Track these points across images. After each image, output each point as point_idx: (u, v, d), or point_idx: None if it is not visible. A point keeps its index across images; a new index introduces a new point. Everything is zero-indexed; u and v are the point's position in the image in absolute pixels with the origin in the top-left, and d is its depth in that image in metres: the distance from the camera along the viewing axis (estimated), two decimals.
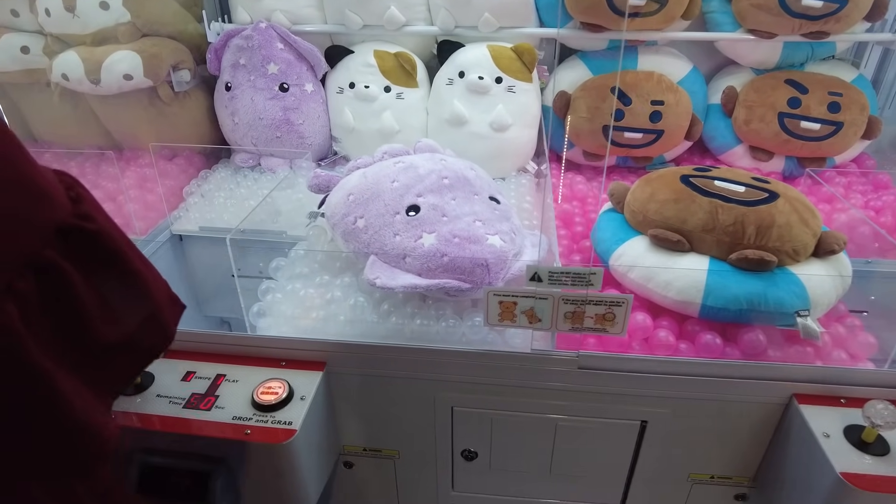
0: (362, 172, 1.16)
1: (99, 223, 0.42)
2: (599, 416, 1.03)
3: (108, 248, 0.41)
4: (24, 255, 0.35)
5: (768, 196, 1.00)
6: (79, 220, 0.40)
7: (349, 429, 1.11)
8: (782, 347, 0.98)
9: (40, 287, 0.36)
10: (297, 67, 1.58)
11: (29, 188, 0.37)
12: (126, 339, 0.42)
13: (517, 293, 0.92)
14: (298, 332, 1.04)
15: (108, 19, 1.48)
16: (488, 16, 1.48)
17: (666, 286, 1.00)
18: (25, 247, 0.35)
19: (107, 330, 0.40)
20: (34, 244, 0.36)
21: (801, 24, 1.42)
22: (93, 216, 0.42)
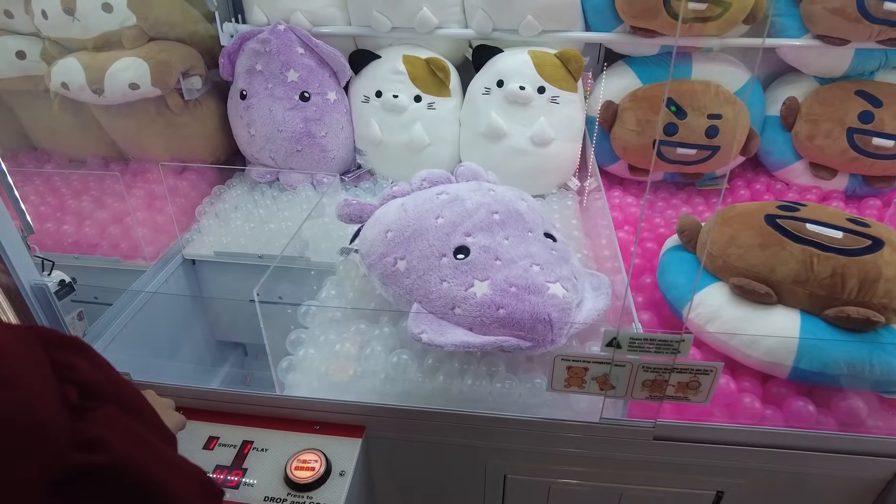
0: (401, 204, 1.04)
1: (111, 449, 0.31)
2: (671, 486, 0.92)
3: (128, 482, 0.31)
4: None
5: (872, 244, 0.88)
6: (85, 454, 0.29)
7: (388, 499, 1.00)
8: (886, 417, 0.87)
9: None
10: (319, 74, 1.44)
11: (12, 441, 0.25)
12: None
13: (590, 359, 0.80)
14: (332, 391, 0.92)
15: (112, 22, 1.34)
16: (531, 18, 1.35)
17: (752, 345, 0.88)
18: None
19: None
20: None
21: (881, 31, 1.29)
22: (103, 439, 0.31)
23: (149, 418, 0.39)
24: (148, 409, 0.39)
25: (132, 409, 0.37)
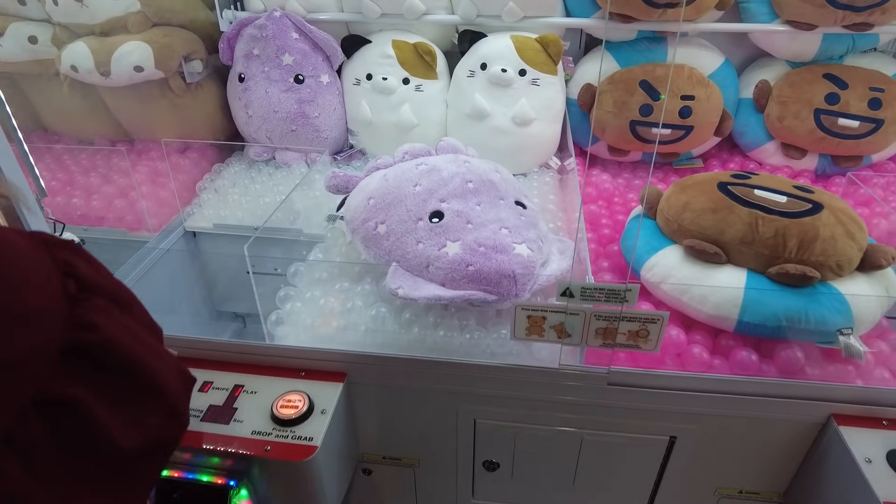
0: (383, 174, 1.12)
1: (102, 331, 0.38)
2: (627, 431, 1.00)
3: (116, 357, 0.39)
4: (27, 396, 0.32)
5: (812, 207, 0.95)
6: (80, 332, 0.37)
7: (369, 437, 1.08)
8: (821, 365, 0.94)
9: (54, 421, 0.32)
10: (313, 58, 1.52)
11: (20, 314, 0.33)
12: (149, 442, 0.39)
13: (547, 308, 0.88)
14: (318, 342, 1.01)
15: (118, 8, 1.43)
16: (512, 5, 1.42)
17: (701, 300, 0.95)
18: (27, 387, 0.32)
19: (129, 438, 0.37)
20: (37, 381, 0.33)
21: (845, 16, 1.35)
22: (94, 324, 0.38)
23: (139, 314, 0.47)
24: (138, 305, 0.47)
25: (122, 303, 0.45)
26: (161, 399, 0.41)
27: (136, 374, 0.39)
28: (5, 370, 0.31)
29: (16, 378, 0.32)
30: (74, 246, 0.44)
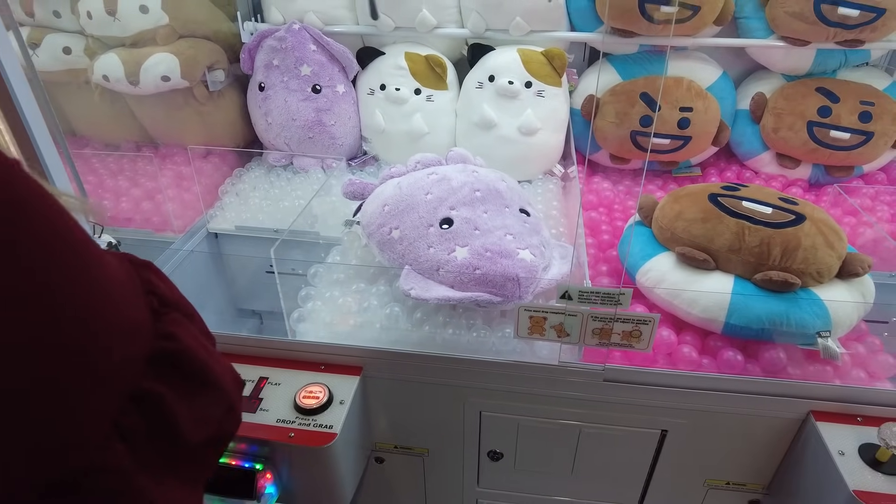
0: (397, 182, 1.20)
1: (180, 341, 0.45)
2: (622, 424, 1.08)
3: (190, 364, 0.45)
4: (127, 390, 0.39)
5: (795, 218, 1.02)
6: (164, 341, 0.44)
7: (382, 427, 1.17)
8: (802, 365, 1.01)
9: (144, 414, 0.40)
10: (329, 69, 1.61)
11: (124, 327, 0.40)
12: (212, 435, 0.46)
13: (548, 309, 0.96)
14: (336, 338, 1.09)
15: (147, 22, 1.52)
16: (519, 20, 1.50)
17: (691, 303, 1.03)
18: (126, 382, 0.39)
19: (197, 433, 0.44)
20: (132, 378, 0.40)
21: (837, 33, 1.42)
22: (174, 334, 0.45)
23: (199, 323, 0.53)
24: (198, 316, 0.54)
25: (189, 315, 0.52)
26: (222, 399, 0.48)
27: (203, 377, 0.46)
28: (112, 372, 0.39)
29: (119, 378, 0.39)
30: (150, 265, 0.50)
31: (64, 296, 0.35)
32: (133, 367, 0.40)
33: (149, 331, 0.42)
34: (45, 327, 0.33)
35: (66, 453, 0.35)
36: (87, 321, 0.36)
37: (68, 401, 0.35)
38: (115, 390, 0.38)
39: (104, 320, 0.38)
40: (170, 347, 0.43)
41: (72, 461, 0.35)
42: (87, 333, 0.36)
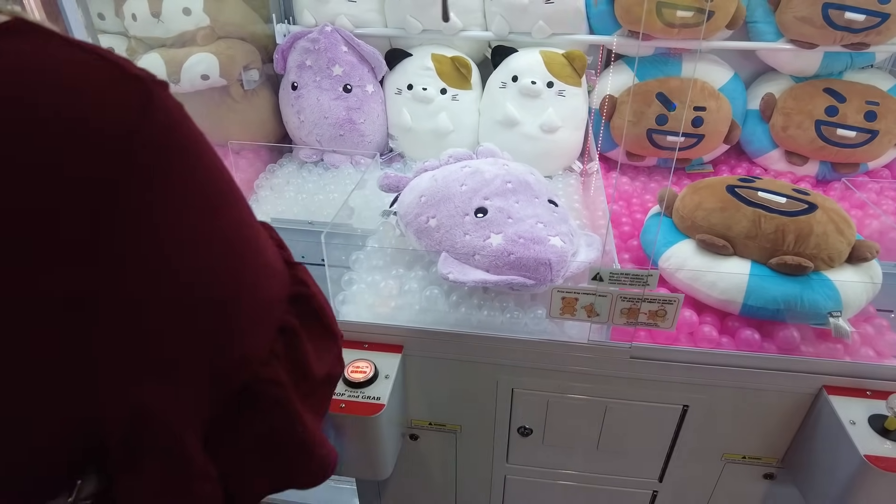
0: (432, 175, 1.28)
1: (310, 287, 0.52)
2: (645, 400, 1.15)
3: (316, 307, 0.52)
4: (278, 324, 0.46)
5: (807, 207, 1.10)
6: (299, 286, 0.51)
7: (418, 405, 1.24)
8: (814, 344, 1.09)
9: (285, 346, 0.47)
10: (360, 69, 1.69)
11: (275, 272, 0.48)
12: (328, 373, 0.53)
13: (579, 291, 1.03)
14: (378, 318, 1.16)
15: (189, 24, 1.59)
16: (542, 23, 1.58)
17: (711, 286, 1.11)
18: (277, 318, 0.46)
19: (319, 368, 0.50)
20: (280, 314, 0.47)
21: (843, 36, 1.50)
22: (304, 280, 0.52)
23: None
24: None
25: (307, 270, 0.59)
26: (334, 343, 0.55)
27: (324, 321, 0.53)
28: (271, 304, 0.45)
29: (275, 310, 0.46)
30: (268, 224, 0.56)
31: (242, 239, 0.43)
32: (282, 304, 0.47)
33: (287, 276, 0.50)
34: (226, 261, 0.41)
35: (242, 366, 0.43)
36: (254, 261, 0.44)
37: (244, 322, 0.43)
38: (273, 320, 0.46)
39: (264, 262, 0.46)
40: (304, 292, 0.51)
41: (247, 372, 0.43)
42: (255, 271, 0.44)
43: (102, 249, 0.31)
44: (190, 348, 0.39)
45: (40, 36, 0.31)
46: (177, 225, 0.37)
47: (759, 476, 1.24)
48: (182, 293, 0.37)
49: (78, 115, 0.30)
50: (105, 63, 0.33)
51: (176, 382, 0.38)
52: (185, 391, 0.39)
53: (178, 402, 0.39)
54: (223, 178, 0.42)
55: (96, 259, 0.31)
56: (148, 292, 0.35)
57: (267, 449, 0.46)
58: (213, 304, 0.40)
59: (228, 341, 0.41)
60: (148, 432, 0.37)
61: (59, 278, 0.30)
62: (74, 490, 0.38)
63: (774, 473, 1.23)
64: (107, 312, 0.33)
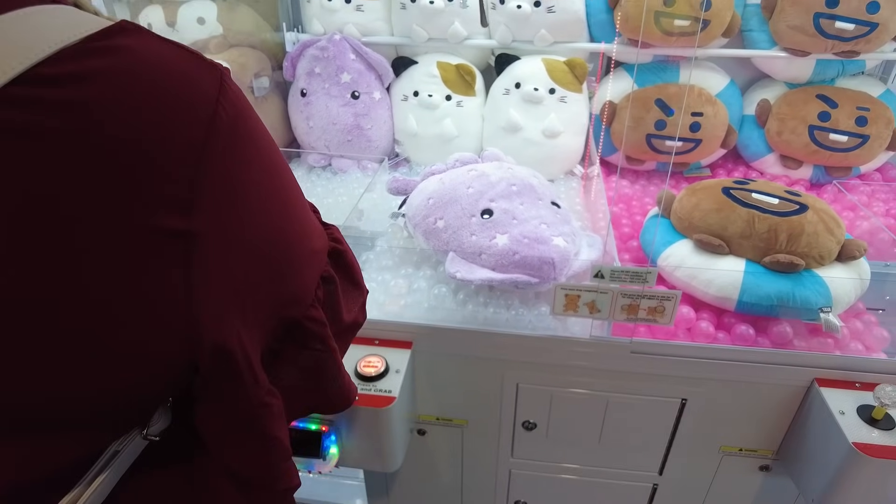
0: (439, 178, 1.33)
1: (343, 244, 0.60)
2: (646, 394, 1.20)
3: (350, 262, 0.61)
4: (321, 272, 0.54)
5: (799, 208, 1.15)
6: (335, 243, 0.58)
7: (426, 400, 1.29)
8: (806, 338, 1.14)
9: (325, 292, 0.54)
10: (367, 77, 1.74)
11: (318, 228, 0.55)
12: (353, 320, 0.60)
13: (582, 288, 1.08)
14: (389, 316, 1.21)
15: (203, 32, 1.65)
16: (544, 32, 1.63)
17: (707, 284, 1.16)
18: (321, 267, 0.54)
19: (348, 315, 0.58)
20: (324, 263, 0.55)
21: (834, 45, 1.55)
22: (339, 238, 0.60)
23: None
24: None
25: None
26: (361, 294, 0.63)
27: (354, 274, 0.61)
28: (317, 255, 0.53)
29: (320, 260, 0.53)
30: None
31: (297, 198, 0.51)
32: (323, 256, 0.55)
33: (325, 234, 0.57)
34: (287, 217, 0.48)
35: (295, 306, 0.50)
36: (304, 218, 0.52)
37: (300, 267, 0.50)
38: (318, 268, 0.53)
39: (310, 220, 0.54)
40: (339, 248, 0.58)
41: (296, 311, 0.50)
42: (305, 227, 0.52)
43: (198, 198, 0.39)
44: (262, 288, 0.46)
45: (143, 34, 0.40)
46: (253, 180, 0.44)
47: (756, 468, 1.29)
48: (259, 238, 0.45)
49: (179, 92, 0.39)
50: (190, 54, 0.42)
51: (251, 319, 0.46)
52: (256, 326, 0.46)
53: (252, 335, 0.46)
54: (276, 147, 0.50)
55: (193, 205, 0.39)
56: (234, 236, 0.42)
57: (308, 377, 0.54)
58: (281, 250, 0.47)
59: (289, 284, 0.49)
60: (233, 363, 0.44)
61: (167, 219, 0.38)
62: (146, 427, 0.44)
63: (770, 465, 1.27)
64: (205, 250, 0.40)
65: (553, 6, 1.58)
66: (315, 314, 0.52)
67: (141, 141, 0.36)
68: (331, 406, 0.61)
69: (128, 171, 0.36)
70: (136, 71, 0.37)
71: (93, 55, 0.36)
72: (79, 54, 0.35)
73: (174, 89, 0.38)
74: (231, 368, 0.44)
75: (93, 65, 0.35)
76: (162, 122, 0.37)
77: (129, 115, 0.36)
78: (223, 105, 0.40)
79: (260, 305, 0.46)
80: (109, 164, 0.35)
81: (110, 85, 0.36)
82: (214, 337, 0.42)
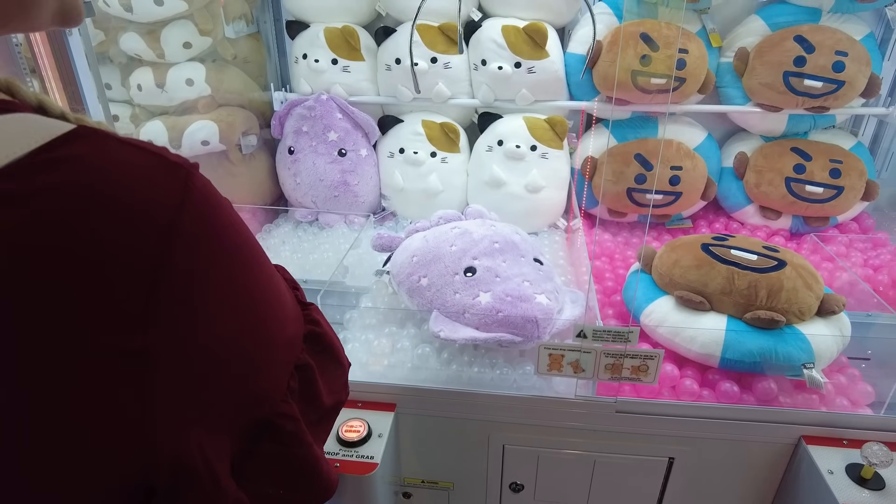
0: (423, 236, 1.34)
1: (322, 326, 0.57)
2: (633, 453, 1.18)
3: (328, 344, 0.57)
4: (294, 360, 0.52)
5: (777, 264, 1.16)
6: (313, 326, 0.56)
7: (411, 462, 1.26)
8: (791, 394, 1.13)
9: (299, 381, 0.51)
10: (354, 135, 1.78)
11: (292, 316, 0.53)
12: (335, 401, 0.58)
13: (565, 347, 1.08)
14: (372, 377, 1.20)
15: (192, 93, 1.68)
16: (525, 91, 1.68)
17: (690, 341, 1.16)
18: (293, 355, 0.52)
19: (329, 398, 0.56)
20: (297, 352, 0.52)
21: (804, 101, 1.61)
22: (317, 319, 0.57)
23: None
24: None
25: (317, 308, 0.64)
26: (343, 374, 0.60)
27: (334, 355, 0.58)
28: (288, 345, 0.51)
29: (292, 350, 0.51)
30: (282, 267, 0.61)
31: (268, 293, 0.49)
32: (297, 343, 0.53)
33: (301, 317, 0.55)
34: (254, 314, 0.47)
35: (264, 404, 0.48)
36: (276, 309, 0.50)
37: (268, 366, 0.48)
38: (291, 357, 0.51)
39: (283, 308, 0.51)
40: (317, 330, 0.56)
41: (266, 410, 0.48)
42: (276, 319, 0.50)
43: (153, 313, 0.37)
44: (225, 393, 0.44)
45: (100, 140, 0.38)
46: (218, 282, 0.42)
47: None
48: (221, 342, 0.43)
49: (134, 203, 0.37)
50: (151, 156, 0.40)
51: (215, 426, 0.43)
52: (222, 433, 0.44)
53: (216, 443, 0.43)
54: (249, 239, 0.48)
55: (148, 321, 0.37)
56: (193, 345, 0.40)
57: (281, 474, 0.51)
58: (247, 349, 0.45)
59: (256, 384, 0.47)
60: (194, 475, 0.41)
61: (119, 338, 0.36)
62: None
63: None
64: (160, 366, 0.38)
65: (533, 67, 1.63)
66: (286, 409, 0.49)
67: (89, 259, 0.34)
68: (309, 499, 0.57)
69: (75, 292, 0.34)
70: (86, 184, 0.35)
71: (42, 169, 0.34)
72: (26, 169, 0.34)
73: (129, 200, 0.37)
74: (193, 483, 0.41)
75: (41, 180, 0.34)
76: (113, 237, 0.35)
77: (77, 232, 0.34)
78: (186, 209, 0.39)
79: (224, 410, 0.45)
80: (55, 285, 0.33)
81: (58, 202, 0.34)
82: (172, 453, 0.40)
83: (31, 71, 1.02)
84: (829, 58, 1.55)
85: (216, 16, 1.67)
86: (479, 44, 1.66)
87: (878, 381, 1.16)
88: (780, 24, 1.63)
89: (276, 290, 0.52)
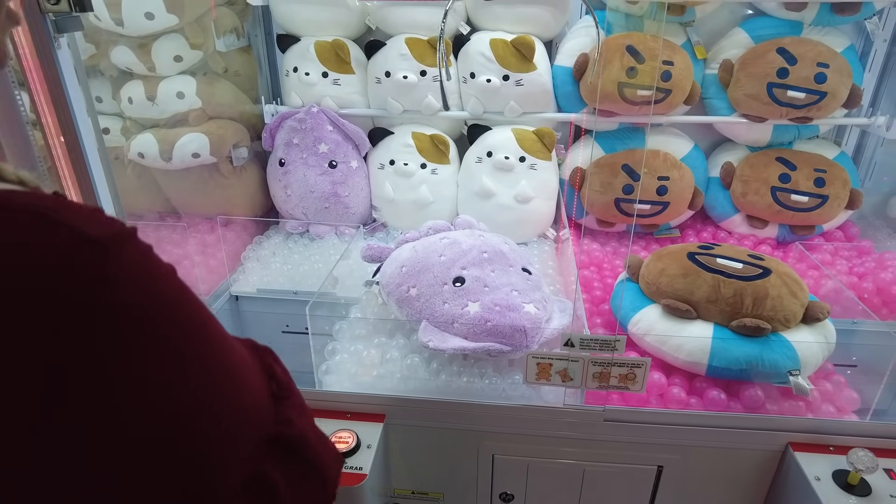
0: (412, 246, 1.35)
1: (296, 426, 0.48)
2: (621, 462, 1.19)
3: (304, 449, 0.47)
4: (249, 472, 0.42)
5: (762, 272, 1.18)
6: (283, 426, 0.47)
7: (401, 473, 1.26)
8: (778, 402, 1.14)
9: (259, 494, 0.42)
10: (344, 147, 1.79)
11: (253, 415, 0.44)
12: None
13: (553, 356, 1.09)
14: (361, 388, 1.20)
15: (182, 106, 1.69)
16: (513, 104, 1.70)
17: (677, 349, 1.17)
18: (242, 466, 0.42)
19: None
20: (255, 457, 0.42)
21: (788, 112, 1.63)
22: (291, 420, 0.47)
23: (307, 409, 0.54)
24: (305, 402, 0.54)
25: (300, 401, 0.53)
26: (325, 488, 0.50)
27: (312, 460, 0.48)
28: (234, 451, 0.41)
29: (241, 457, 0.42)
30: (269, 350, 0.54)
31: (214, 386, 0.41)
32: (255, 448, 0.43)
33: (270, 415, 0.47)
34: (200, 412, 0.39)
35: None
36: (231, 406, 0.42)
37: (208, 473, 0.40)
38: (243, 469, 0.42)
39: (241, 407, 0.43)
40: (288, 432, 0.47)
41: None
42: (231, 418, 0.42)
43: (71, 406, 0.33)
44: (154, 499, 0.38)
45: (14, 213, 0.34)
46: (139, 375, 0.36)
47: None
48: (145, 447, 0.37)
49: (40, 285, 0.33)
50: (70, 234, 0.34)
51: None
52: None
53: None
54: (194, 321, 0.41)
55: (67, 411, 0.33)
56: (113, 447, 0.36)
57: None
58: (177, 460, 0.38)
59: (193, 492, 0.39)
60: None
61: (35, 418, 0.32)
62: None
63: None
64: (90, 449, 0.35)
65: (521, 79, 1.65)
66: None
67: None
68: None
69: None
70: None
71: None
72: None
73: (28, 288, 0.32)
74: None
75: None
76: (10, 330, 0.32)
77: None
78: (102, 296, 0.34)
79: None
80: None
81: None
82: None
83: (21, 84, 1.03)
84: (811, 69, 1.58)
85: (207, 29, 1.68)
86: (467, 57, 1.68)
87: (864, 388, 1.17)
88: (764, 37, 1.66)
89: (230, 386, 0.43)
